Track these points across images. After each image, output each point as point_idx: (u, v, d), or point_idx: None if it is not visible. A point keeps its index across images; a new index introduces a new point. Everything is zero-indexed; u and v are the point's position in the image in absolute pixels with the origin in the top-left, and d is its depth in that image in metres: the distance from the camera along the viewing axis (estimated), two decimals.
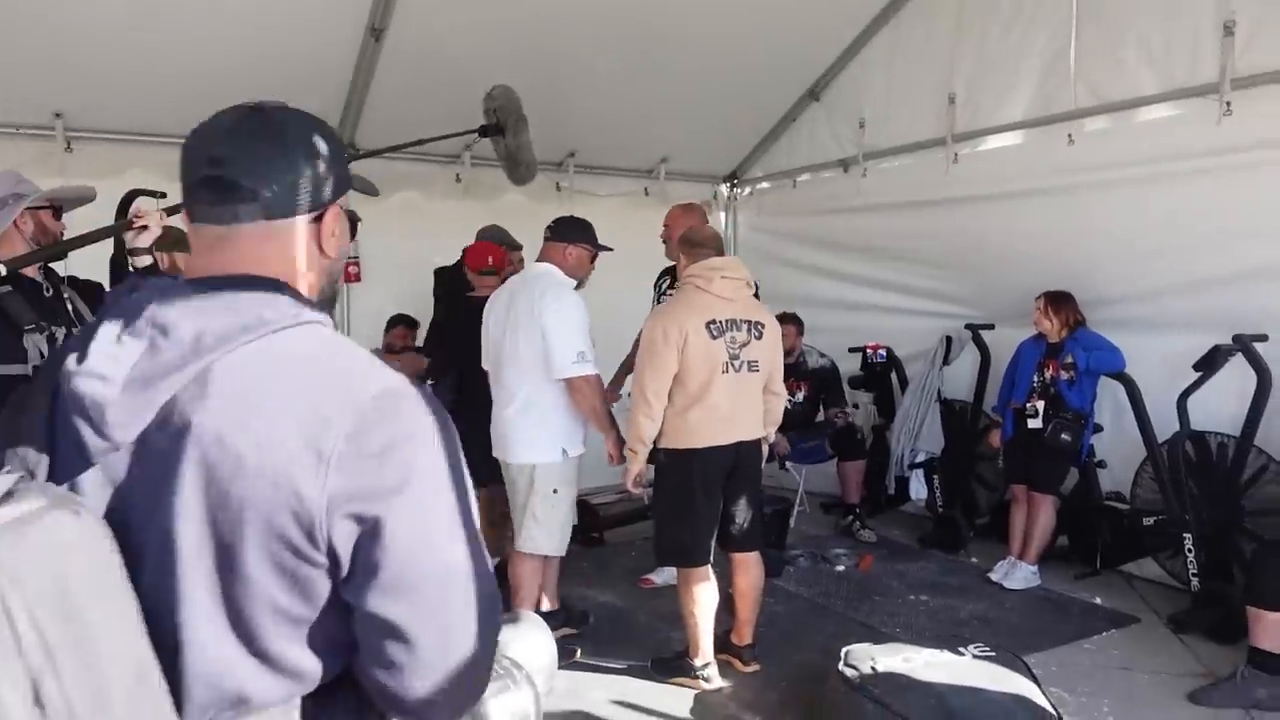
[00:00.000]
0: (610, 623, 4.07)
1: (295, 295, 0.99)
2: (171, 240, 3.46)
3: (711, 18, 5.03)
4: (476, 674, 0.98)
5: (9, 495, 0.80)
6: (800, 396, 5.57)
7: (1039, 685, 2.99)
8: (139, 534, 0.88)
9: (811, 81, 6.02)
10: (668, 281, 4.62)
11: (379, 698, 0.95)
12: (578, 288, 3.67)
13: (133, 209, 2.63)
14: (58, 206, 2.54)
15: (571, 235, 3.72)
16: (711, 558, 3.51)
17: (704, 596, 3.48)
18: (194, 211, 1.01)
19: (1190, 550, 4.14)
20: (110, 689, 0.79)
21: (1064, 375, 4.53)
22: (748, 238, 6.84)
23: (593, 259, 3.79)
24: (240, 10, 4.31)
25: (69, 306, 2.50)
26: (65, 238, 2.58)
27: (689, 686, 3.51)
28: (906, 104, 5.43)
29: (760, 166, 6.76)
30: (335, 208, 1.06)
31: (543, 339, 3.46)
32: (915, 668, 2.97)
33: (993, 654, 3.11)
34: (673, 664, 3.60)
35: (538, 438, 3.55)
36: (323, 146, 1.05)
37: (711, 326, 3.39)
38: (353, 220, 1.15)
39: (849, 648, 3.17)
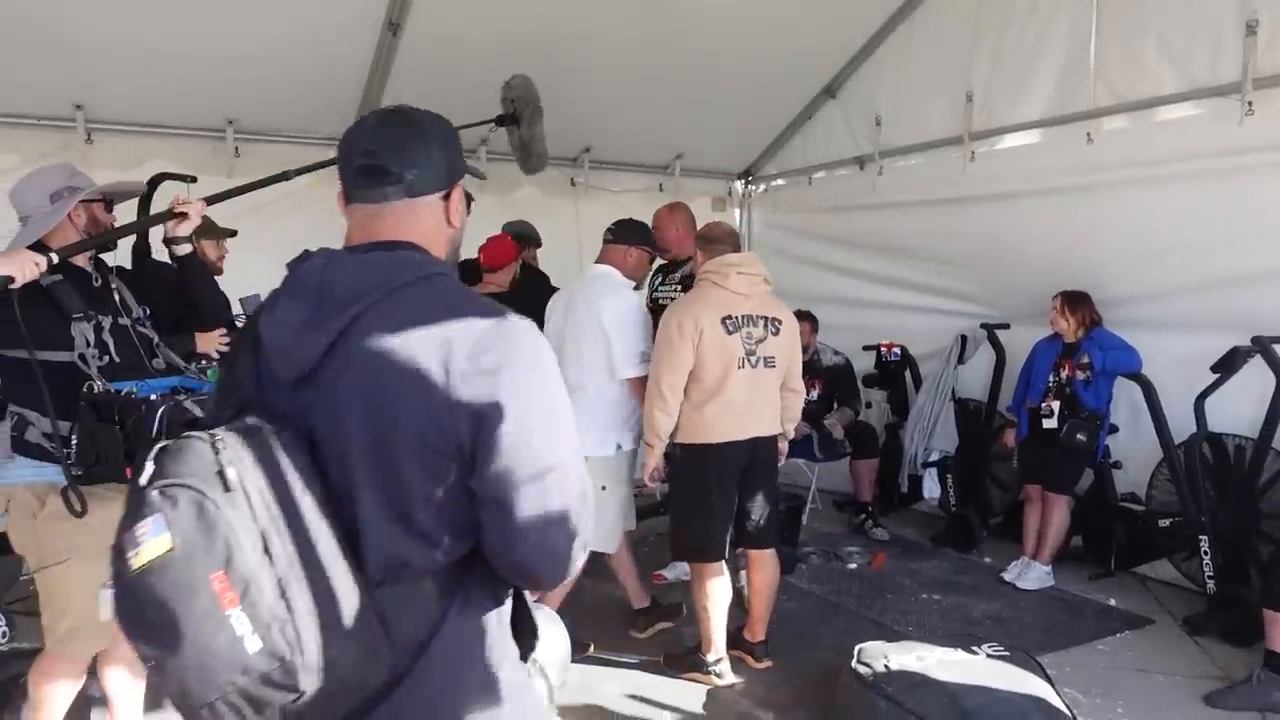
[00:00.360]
0: (622, 618, 4.07)
1: (427, 255, 1.25)
2: (201, 229, 3.52)
3: (728, 14, 5.02)
4: (569, 547, 1.19)
5: (237, 415, 1.13)
6: (814, 394, 5.56)
7: (1053, 686, 2.99)
8: (324, 444, 1.15)
9: (828, 79, 6.00)
10: (660, 279, 4.64)
11: (497, 564, 1.20)
12: (636, 288, 3.83)
13: (173, 199, 2.64)
14: (109, 200, 2.57)
15: (633, 238, 3.86)
16: (726, 553, 3.52)
17: (718, 592, 3.48)
18: (351, 194, 1.27)
19: (1206, 552, 4.12)
20: (314, 549, 1.07)
21: (1080, 375, 4.51)
22: (762, 235, 6.83)
23: (651, 260, 3.97)
24: (259, 5, 4.33)
25: (116, 296, 2.54)
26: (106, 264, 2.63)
27: (701, 681, 3.51)
28: (923, 102, 5.41)
29: (775, 164, 6.75)
30: (458, 187, 1.31)
31: (605, 340, 3.56)
32: (928, 666, 2.97)
33: (1007, 654, 3.11)
34: (685, 659, 3.61)
35: (591, 433, 3.59)
36: (447, 138, 1.31)
37: (727, 322, 3.40)
38: (468, 199, 1.38)
39: (862, 645, 3.17)
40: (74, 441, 2.26)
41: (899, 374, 5.83)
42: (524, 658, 1.28)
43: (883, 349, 5.71)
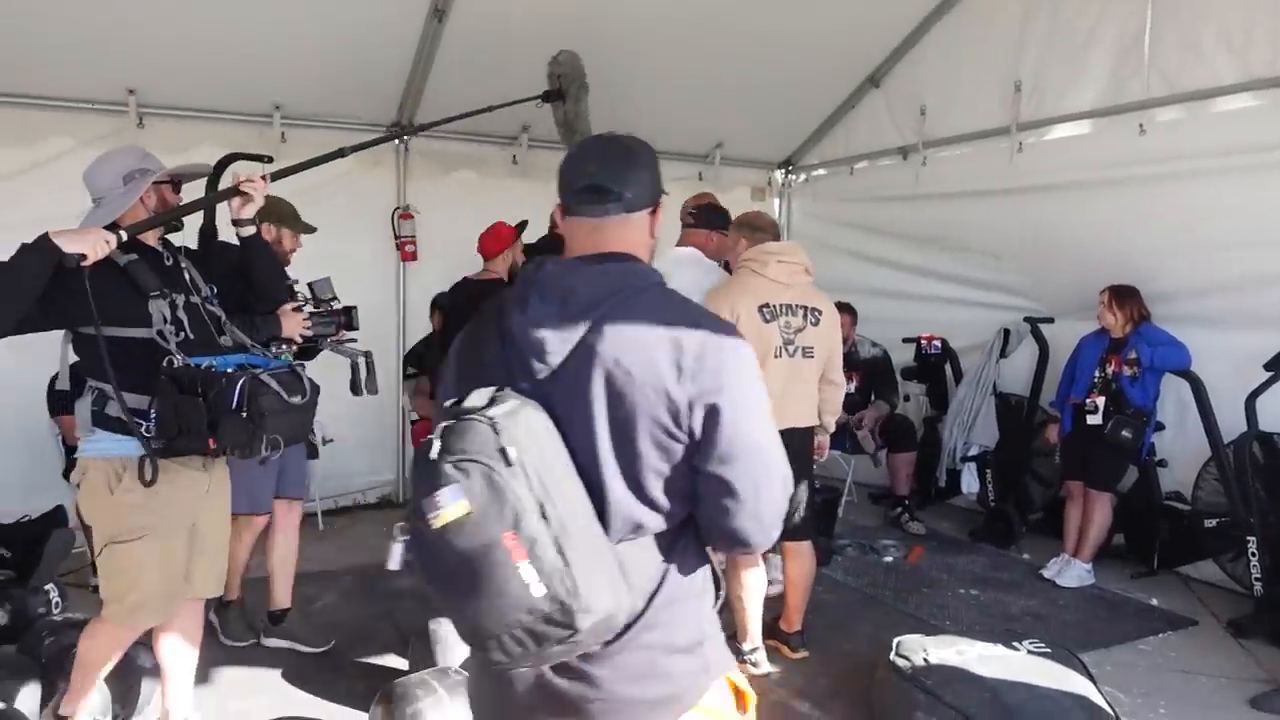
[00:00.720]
0: None
1: (646, 266, 1.46)
2: (279, 215, 3.51)
3: (769, 3, 4.98)
4: (775, 518, 1.41)
5: (494, 400, 1.30)
6: (851, 387, 5.51)
7: (1095, 684, 2.95)
8: (565, 422, 1.34)
9: (872, 68, 5.93)
10: None
11: (713, 530, 1.42)
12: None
13: (235, 178, 2.65)
14: (178, 181, 2.59)
15: (715, 222, 3.91)
16: None
17: (753, 582, 3.47)
18: (574, 209, 1.46)
19: (1254, 554, 4.04)
20: (575, 514, 1.28)
21: (1127, 371, 4.43)
22: (802, 225, 6.79)
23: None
24: None
25: (186, 275, 2.57)
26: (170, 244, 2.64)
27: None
28: (970, 91, 5.33)
29: (816, 153, 6.69)
30: (660, 205, 1.52)
31: None
32: (968, 661, 2.95)
33: (1048, 650, 3.07)
34: None
35: None
36: (653, 162, 1.50)
37: (764, 310, 3.38)
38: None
39: (900, 638, 3.15)
40: (153, 415, 2.32)
41: (939, 367, 5.77)
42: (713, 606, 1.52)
43: (923, 342, 5.66)
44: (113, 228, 2.30)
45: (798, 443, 3.50)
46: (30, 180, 4.40)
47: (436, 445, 1.28)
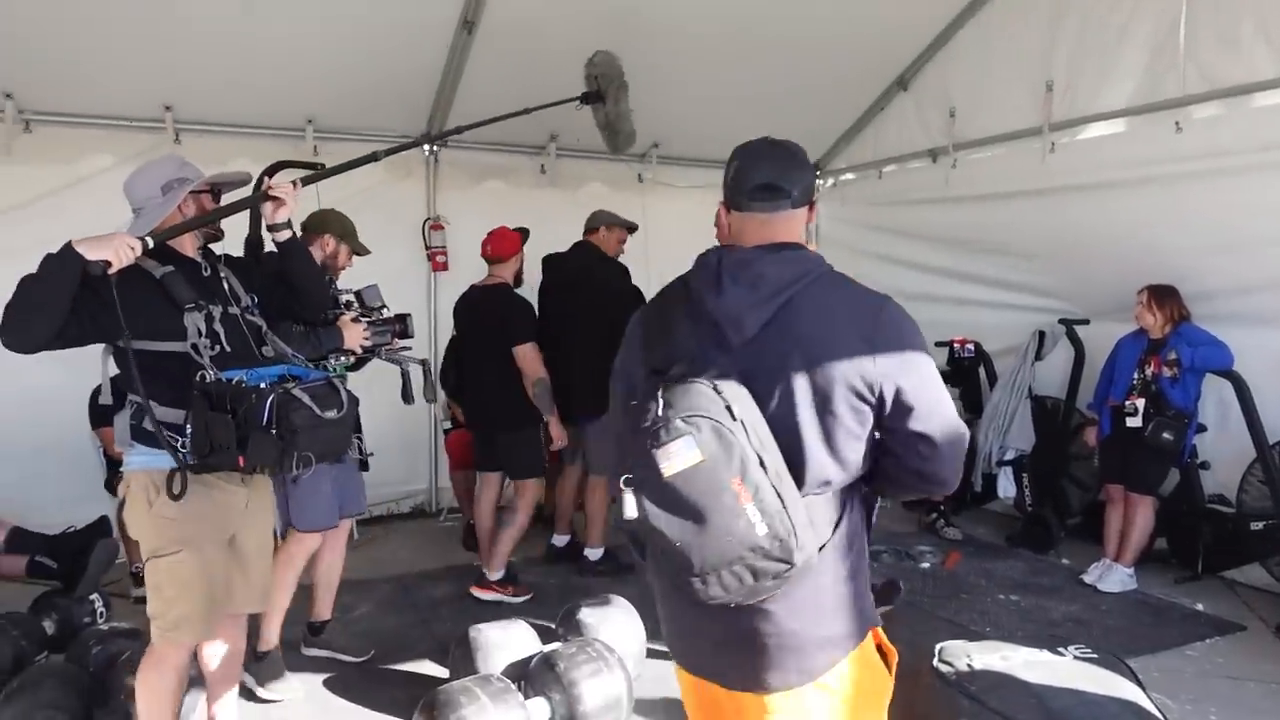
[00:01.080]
0: None
1: (812, 252, 1.64)
2: (342, 230, 3.56)
3: (797, 6, 4.98)
4: (961, 460, 1.62)
5: (689, 370, 1.49)
6: None
7: (1144, 690, 2.89)
8: (761, 388, 1.51)
9: (900, 71, 5.91)
10: None
11: (909, 480, 1.62)
12: None
13: (267, 182, 2.63)
14: (217, 190, 2.58)
15: None
16: None
17: None
18: (744, 205, 1.65)
19: None
20: (779, 465, 1.45)
21: (1167, 372, 4.36)
22: (831, 230, 6.75)
23: None
24: (338, 8, 4.43)
25: (225, 285, 2.54)
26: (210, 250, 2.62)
27: None
28: (1001, 92, 5.28)
29: (844, 158, 6.66)
30: (815, 201, 1.71)
31: None
32: (1013, 666, 2.90)
33: (1094, 656, 3.02)
34: None
35: None
36: (810, 165, 1.74)
37: None
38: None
39: (943, 644, 3.11)
40: (188, 430, 2.29)
41: (973, 371, 5.71)
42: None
43: (956, 345, 5.60)
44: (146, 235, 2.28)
45: None
46: (72, 196, 4.49)
47: (660, 403, 1.45)
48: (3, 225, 4.29)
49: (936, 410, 1.56)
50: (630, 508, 1.47)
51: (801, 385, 1.52)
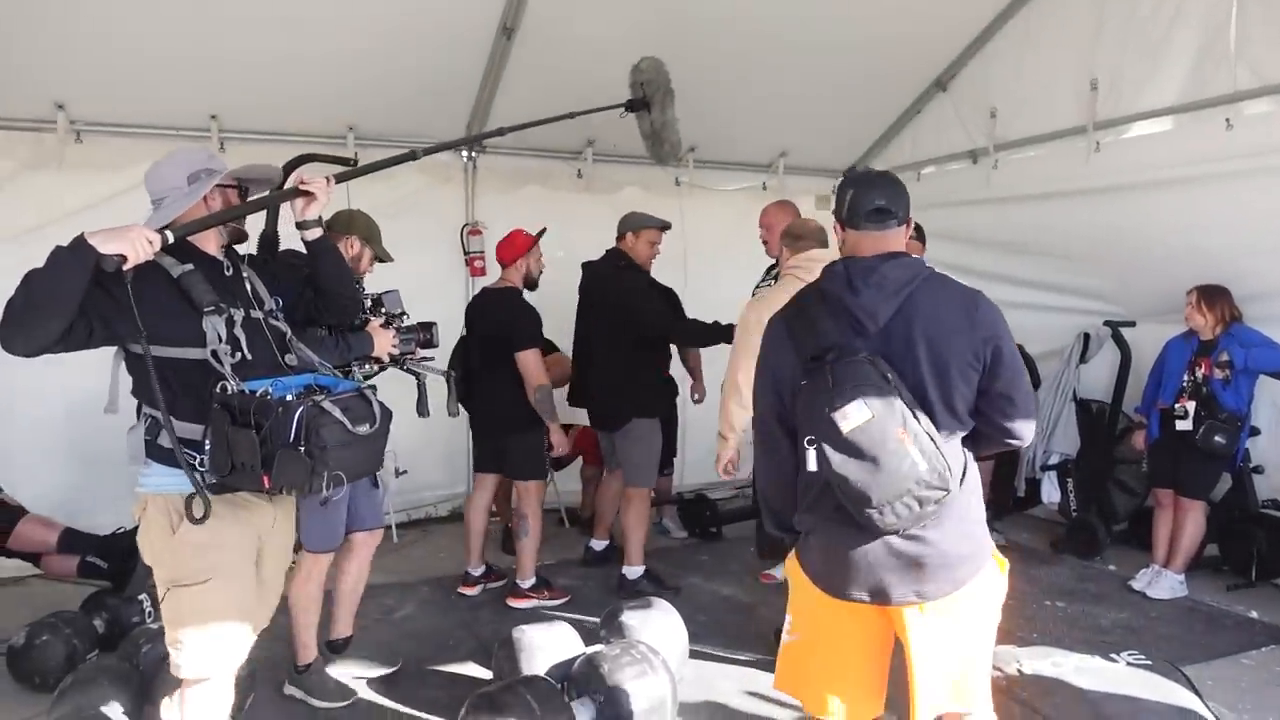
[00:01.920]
0: (734, 615, 4.04)
1: (916, 258, 2.09)
2: (368, 233, 3.44)
3: (834, 9, 4.95)
4: (1033, 418, 2.09)
5: (842, 353, 1.95)
6: None
7: (1201, 698, 2.83)
8: (896, 365, 1.95)
9: (938, 71, 5.83)
10: (763, 277, 4.59)
11: (995, 432, 2.05)
12: None
13: (294, 176, 2.45)
14: (244, 186, 2.39)
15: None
16: None
17: None
18: (862, 225, 2.09)
19: None
20: (925, 417, 1.92)
21: (1218, 374, 4.27)
22: None
23: None
24: (376, 15, 4.48)
25: (247, 286, 2.33)
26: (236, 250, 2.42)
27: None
28: (1043, 91, 5.20)
29: (882, 160, 6.59)
30: (910, 218, 2.16)
31: None
32: (1065, 672, 2.87)
33: (1148, 663, 2.98)
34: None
35: None
36: (906, 189, 2.16)
37: None
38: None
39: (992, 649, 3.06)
40: (207, 447, 2.09)
41: None
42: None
43: None
44: (165, 229, 2.09)
45: None
46: (122, 204, 4.54)
47: (831, 379, 1.90)
48: (56, 233, 4.25)
49: (1017, 378, 2.03)
50: (811, 461, 1.90)
51: (925, 358, 1.97)
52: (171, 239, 2.07)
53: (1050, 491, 5.32)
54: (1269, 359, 4.18)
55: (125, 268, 1.96)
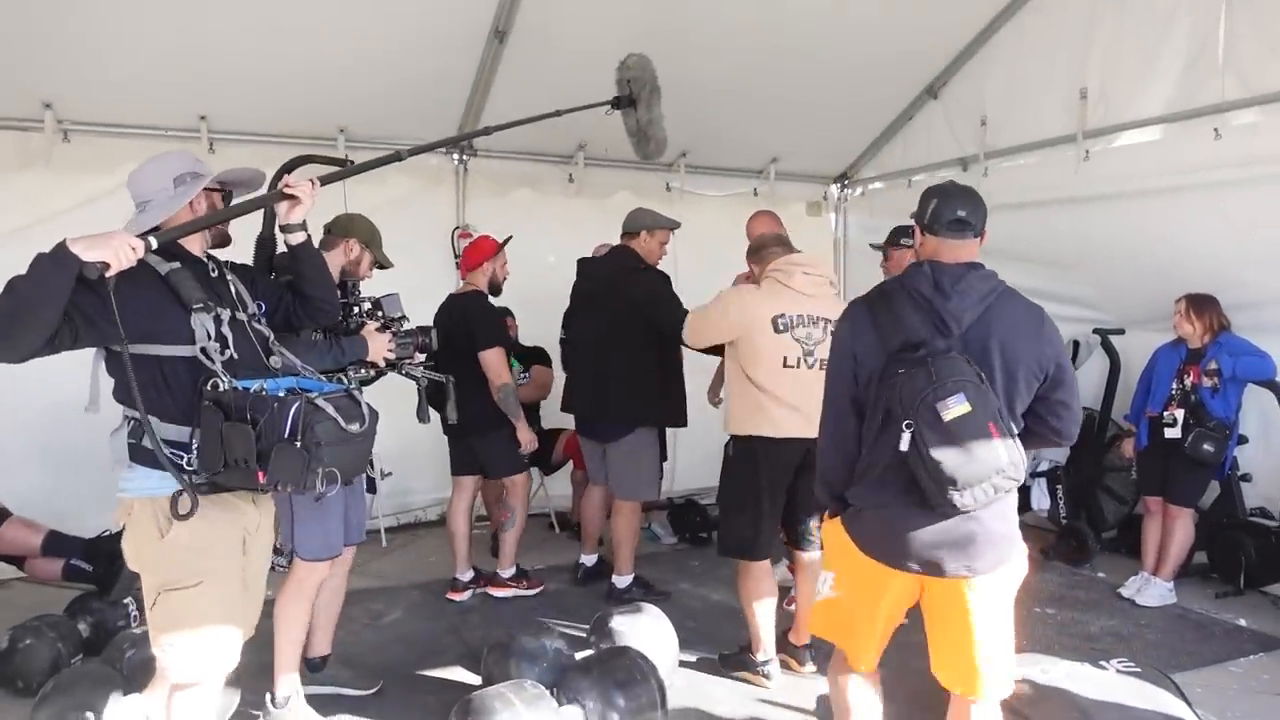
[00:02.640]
0: (725, 621, 4.02)
1: (990, 269, 2.28)
2: (369, 237, 3.35)
3: (827, 13, 4.97)
4: (1079, 422, 2.38)
5: (929, 350, 2.19)
6: None
7: (1190, 705, 2.84)
8: (978, 365, 2.16)
9: (930, 79, 5.86)
10: None
11: (1049, 434, 2.35)
12: None
13: (284, 180, 2.43)
14: (229, 190, 2.37)
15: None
16: (771, 553, 3.50)
17: (763, 591, 3.45)
18: (943, 233, 2.27)
19: None
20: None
21: (1206, 382, 4.29)
22: (859, 239, 6.69)
23: None
24: (367, 17, 4.47)
25: (231, 289, 2.32)
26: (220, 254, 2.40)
27: (752, 682, 3.47)
28: (1033, 100, 5.23)
29: (873, 166, 6.63)
30: (985, 231, 2.36)
31: None
32: (1054, 679, 2.86)
33: (1138, 670, 2.98)
34: (735, 658, 3.57)
35: None
36: (984, 203, 2.35)
37: (778, 321, 3.38)
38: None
39: None
40: (194, 446, 2.08)
41: None
42: None
43: None
44: (149, 234, 2.07)
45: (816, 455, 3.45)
46: (110, 205, 4.50)
47: (932, 372, 2.11)
48: (43, 233, 4.21)
49: (1072, 387, 2.32)
50: (905, 443, 2.10)
51: (998, 363, 2.19)
52: (155, 245, 2.05)
53: (1040, 499, 5.33)
54: (1257, 368, 4.21)
55: (108, 275, 1.93)
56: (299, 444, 2.00)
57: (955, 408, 2.05)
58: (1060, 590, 4.66)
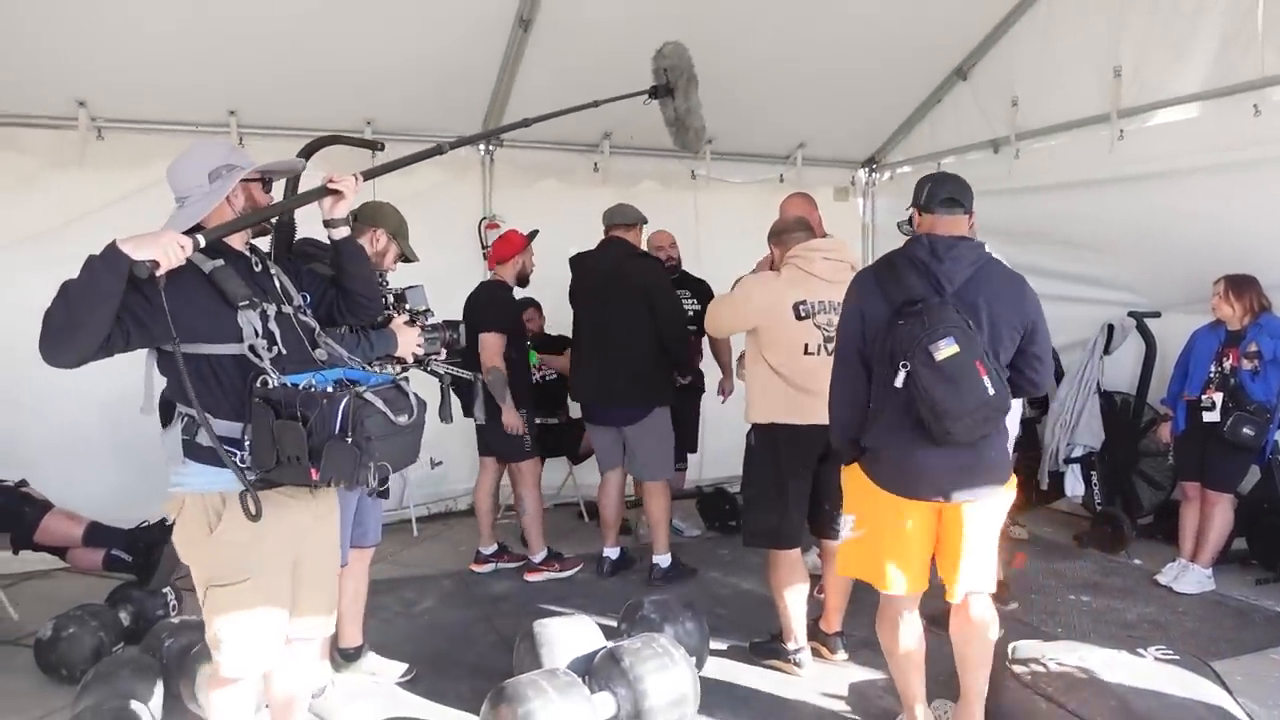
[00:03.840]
0: (754, 609, 4.02)
1: (979, 241, 2.66)
2: (396, 228, 3.35)
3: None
4: (1051, 375, 2.82)
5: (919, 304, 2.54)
6: None
7: (1231, 693, 2.79)
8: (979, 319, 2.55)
9: (959, 60, 5.77)
10: None
11: (1027, 384, 2.69)
12: None
13: (325, 177, 2.38)
14: (268, 179, 2.34)
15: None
16: (799, 541, 3.47)
17: (793, 579, 3.43)
18: (937, 210, 2.65)
19: None
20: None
21: (1246, 365, 4.20)
22: (887, 224, 6.63)
23: None
24: (393, 8, 4.48)
25: (276, 282, 2.30)
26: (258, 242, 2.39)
27: (783, 670, 3.47)
28: (1065, 79, 5.13)
29: (901, 150, 6.55)
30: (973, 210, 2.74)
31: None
32: (1092, 668, 2.82)
33: (1176, 658, 2.93)
34: (766, 647, 3.57)
35: None
36: (970, 187, 2.74)
37: (800, 307, 3.37)
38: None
39: (1015, 644, 3.05)
40: (247, 443, 2.09)
41: None
42: None
43: None
44: (195, 231, 2.09)
45: None
46: (143, 201, 4.58)
47: (926, 320, 2.45)
48: (78, 230, 4.41)
49: (1046, 344, 2.67)
50: (900, 379, 2.45)
51: (985, 317, 2.54)
52: (203, 243, 2.07)
53: (1074, 485, 5.25)
54: None
55: (157, 273, 1.95)
56: (350, 440, 2.00)
57: (946, 349, 2.41)
58: (1096, 577, 4.60)
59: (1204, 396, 4.31)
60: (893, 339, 2.49)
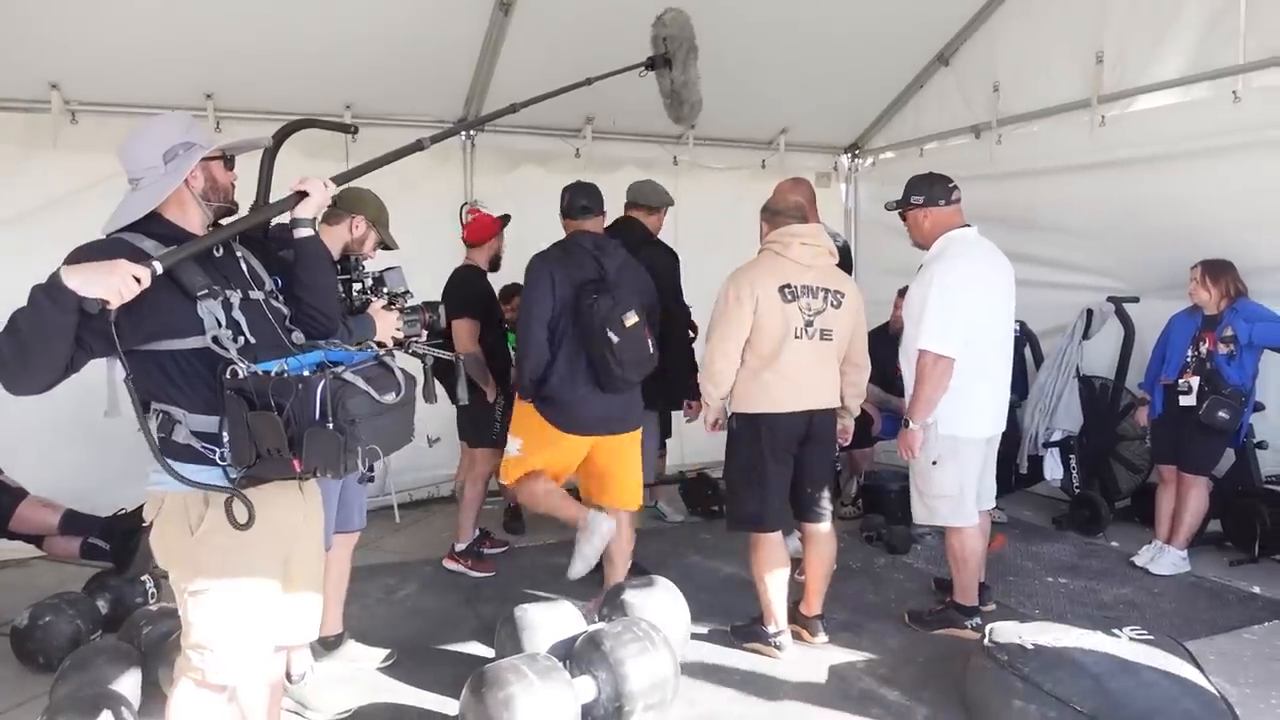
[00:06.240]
0: (736, 593, 4.03)
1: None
2: (377, 216, 3.26)
3: None
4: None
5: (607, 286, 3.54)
6: None
7: (1203, 671, 2.82)
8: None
9: (941, 46, 5.79)
10: None
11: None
12: None
13: (297, 181, 2.21)
14: (229, 157, 2.18)
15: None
16: (781, 524, 3.50)
17: (774, 563, 3.46)
18: (577, 216, 3.71)
19: None
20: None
21: (1222, 349, 4.24)
22: (870, 210, 6.66)
23: None
24: None
25: (243, 265, 2.14)
26: (223, 222, 2.18)
27: (763, 653, 3.49)
28: (1047, 65, 5.16)
29: (884, 136, 6.56)
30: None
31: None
32: (1067, 648, 2.84)
33: (1150, 638, 2.95)
34: (747, 630, 3.59)
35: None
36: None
37: (785, 290, 3.36)
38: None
39: (993, 625, 3.07)
40: (225, 438, 1.95)
41: (1018, 351, 5.57)
42: None
43: None
44: (150, 257, 1.89)
45: (821, 426, 3.46)
46: (117, 184, 4.50)
47: (614, 296, 3.38)
48: (53, 214, 4.36)
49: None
50: (615, 337, 3.34)
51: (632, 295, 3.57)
52: (160, 270, 1.88)
53: (1053, 468, 5.31)
54: (1274, 334, 4.16)
55: (108, 308, 1.79)
56: (331, 425, 1.87)
57: (632, 319, 3.33)
58: (1073, 559, 4.65)
59: (1181, 381, 4.35)
60: (587, 310, 3.32)
